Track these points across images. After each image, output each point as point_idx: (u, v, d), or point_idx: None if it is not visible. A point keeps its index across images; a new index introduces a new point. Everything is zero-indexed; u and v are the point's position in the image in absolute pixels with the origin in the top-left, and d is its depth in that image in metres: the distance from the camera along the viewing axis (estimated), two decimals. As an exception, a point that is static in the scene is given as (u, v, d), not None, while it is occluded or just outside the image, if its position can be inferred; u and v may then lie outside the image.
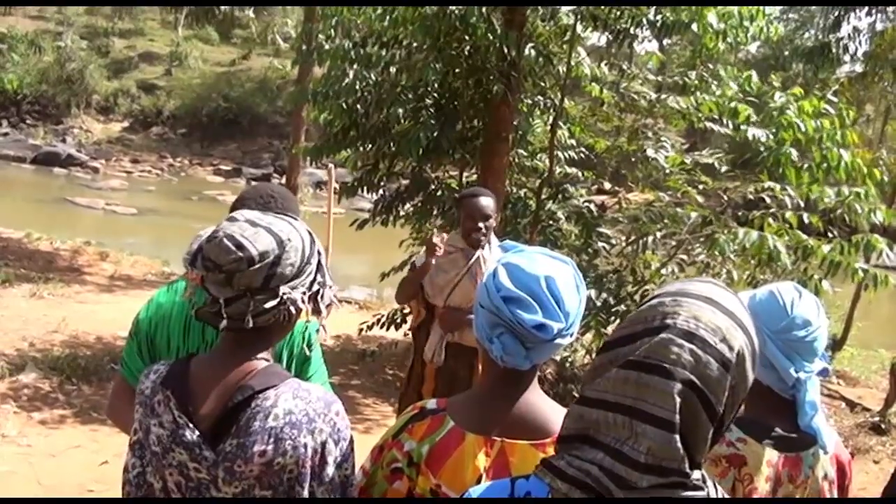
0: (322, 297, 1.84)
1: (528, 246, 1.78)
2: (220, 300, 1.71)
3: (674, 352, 1.21)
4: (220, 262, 1.69)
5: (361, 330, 8.39)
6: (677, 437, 1.19)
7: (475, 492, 1.44)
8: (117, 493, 4.80)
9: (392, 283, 8.35)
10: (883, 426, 7.80)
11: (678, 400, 1.19)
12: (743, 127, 6.97)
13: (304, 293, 1.78)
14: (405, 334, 8.34)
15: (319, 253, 1.85)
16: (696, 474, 1.24)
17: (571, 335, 1.68)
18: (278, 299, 1.73)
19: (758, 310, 1.94)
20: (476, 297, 1.74)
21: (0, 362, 6.74)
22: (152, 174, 34.19)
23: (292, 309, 1.76)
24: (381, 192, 8.33)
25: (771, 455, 1.86)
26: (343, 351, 8.76)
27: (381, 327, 8.36)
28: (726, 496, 1.31)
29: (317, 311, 1.84)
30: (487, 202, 4.34)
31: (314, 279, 1.82)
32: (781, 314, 1.91)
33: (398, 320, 8.28)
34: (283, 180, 20.78)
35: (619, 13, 7.33)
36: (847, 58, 11.73)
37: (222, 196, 28.04)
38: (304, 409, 1.70)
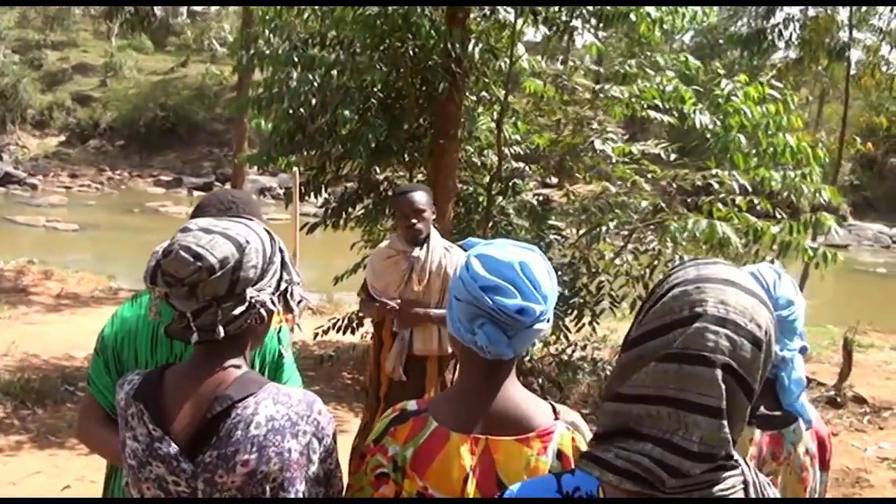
0: (292, 294, 1.81)
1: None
2: (188, 314, 1.67)
3: (711, 339, 1.21)
4: (180, 275, 1.64)
5: (317, 335, 8.31)
6: (725, 422, 1.20)
7: (515, 488, 1.42)
8: (83, 516, 4.63)
9: (345, 286, 8.30)
10: (839, 399, 7.94)
11: (723, 387, 1.20)
12: (690, 114, 7.03)
13: (272, 293, 1.75)
14: (362, 337, 8.29)
15: (282, 251, 1.81)
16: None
17: (548, 320, 1.70)
18: (247, 304, 1.69)
19: None
20: (450, 292, 1.73)
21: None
22: (92, 188, 33.67)
23: (263, 312, 1.73)
24: (327, 195, 8.23)
25: (754, 434, 1.87)
26: (299, 357, 8.65)
27: (338, 331, 8.30)
28: (758, 475, 1.32)
29: (288, 310, 1.81)
30: (419, 197, 4.37)
31: (280, 277, 1.78)
32: None
33: (354, 324, 8.22)
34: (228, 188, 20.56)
35: (557, 7, 7.35)
36: (782, 44, 11.83)
37: (164, 207, 27.71)
38: (286, 414, 1.67)
